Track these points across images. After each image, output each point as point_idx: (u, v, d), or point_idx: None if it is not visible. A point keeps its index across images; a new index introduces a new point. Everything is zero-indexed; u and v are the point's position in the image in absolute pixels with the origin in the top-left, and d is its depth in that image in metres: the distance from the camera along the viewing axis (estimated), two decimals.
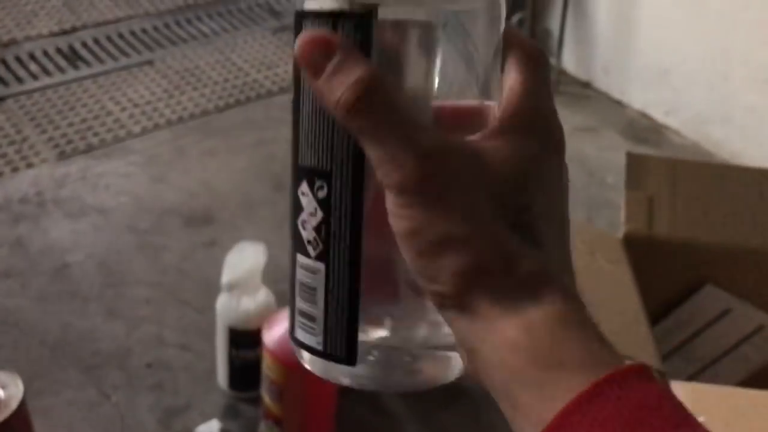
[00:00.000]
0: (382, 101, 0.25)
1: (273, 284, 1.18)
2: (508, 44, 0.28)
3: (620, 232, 0.85)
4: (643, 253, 0.83)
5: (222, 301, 0.92)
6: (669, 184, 0.88)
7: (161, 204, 1.34)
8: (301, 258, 0.29)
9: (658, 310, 0.87)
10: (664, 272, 0.86)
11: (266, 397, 0.88)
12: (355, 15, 0.26)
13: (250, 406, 0.99)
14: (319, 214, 0.28)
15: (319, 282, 0.29)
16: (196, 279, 1.19)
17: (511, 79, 0.28)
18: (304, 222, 0.28)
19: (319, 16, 0.26)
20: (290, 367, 0.83)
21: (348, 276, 0.28)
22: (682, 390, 0.70)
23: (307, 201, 0.28)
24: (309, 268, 0.29)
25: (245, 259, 0.90)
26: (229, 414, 1.00)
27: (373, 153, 0.25)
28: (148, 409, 0.99)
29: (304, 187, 0.28)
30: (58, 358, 1.04)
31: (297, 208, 0.28)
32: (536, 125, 0.27)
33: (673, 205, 0.87)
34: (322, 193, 0.27)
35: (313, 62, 0.25)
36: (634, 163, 0.90)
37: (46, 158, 1.41)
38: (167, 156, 1.45)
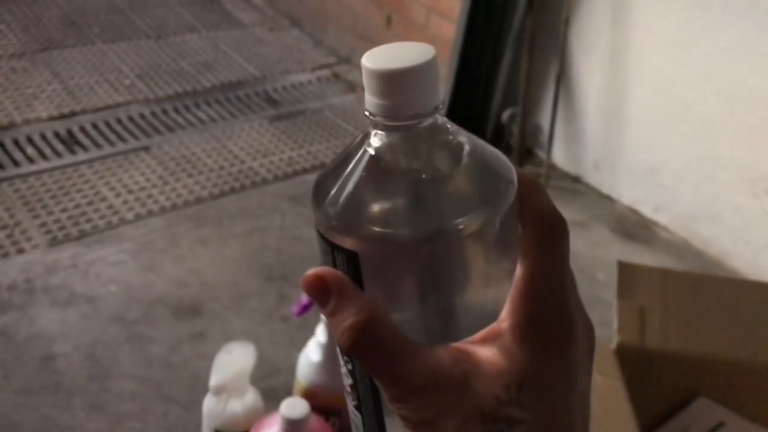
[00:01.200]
0: (374, 344, 0.27)
1: (261, 380, 1.16)
2: (525, 208, 0.28)
3: (613, 343, 0.85)
4: (636, 363, 0.83)
5: (209, 403, 0.90)
6: (660, 295, 0.89)
7: (151, 294, 1.33)
8: (348, 399, 0.32)
9: (650, 422, 0.86)
10: (657, 383, 0.85)
11: None
12: (344, 249, 0.28)
13: None
14: (350, 380, 0.31)
15: (359, 426, 0.33)
16: (182, 373, 1.18)
17: (524, 264, 0.28)
18: (344, 374, 0.31)
19: (322, 238, 0.29)
20: None
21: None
22: None
23: (342, 362, 0.31)
24: (352, 411, 0.33)
25: (234, 361, 0.89)
26: None
27: (375, 381, 0.28)
28: None
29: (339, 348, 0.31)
30: None
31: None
32: (544, 323, 0.27)
33: (665, 315, 0.87)
34: (349, 366, 0.30)
35: (316, 299, 0.28)
36: (625, 272, 0.90)
37: (38, 244, 1.41)
38: (159, 244, 1.45)
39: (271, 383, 1.17)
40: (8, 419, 1.06)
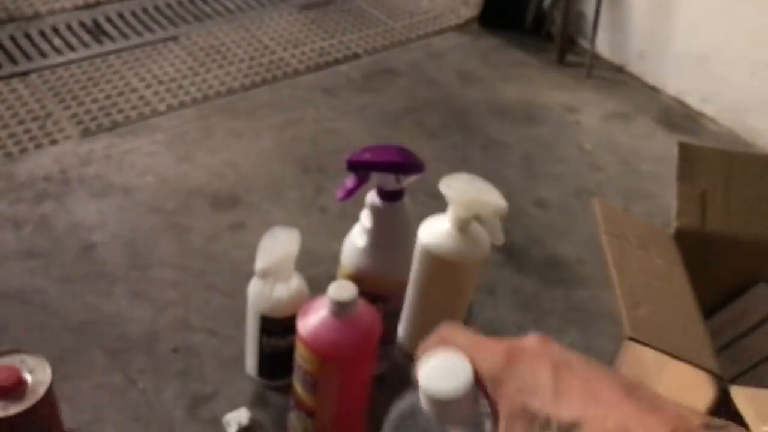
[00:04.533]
0: None
1: (303, 269, 1.15)
2: None
3: (672, 227, 0.82)
4: (695, 248, 0.80)
5: (254, 288, 0.89)
6: (722, 177, 0.85)
7: (187, 184, 1.31)
8: None
9: (708, 306, 0.84)
10: (716, 268, 0.83)
11: (298, 388, 0.86)
12: None
13: (280, 395, 0.97)
14: None
15: None
16: (223, 262, 1.17)
17: None
18: None
19: None
20: (326, 358, 0.81)
21: None
22: (742, 397, 0.67)
23: None
24: None
25: (279, 245, 0.87)
26: (257, 402, 0.98)
27: None
28: (174, 395, 0.97)
29: None
30: (84, 341, 1.02)
31: None
32: None
33: (726, 199, 0.84)
34: None
35: None
36: (686, 153, 0.86)
37: (70, 135, 1.39)
38: (193, 135, 1.42)
39: (313, 272, 1.16)
40: (53, 306, 1.06)
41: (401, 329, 1.05)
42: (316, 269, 1.17)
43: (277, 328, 0.92)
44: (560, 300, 1.20)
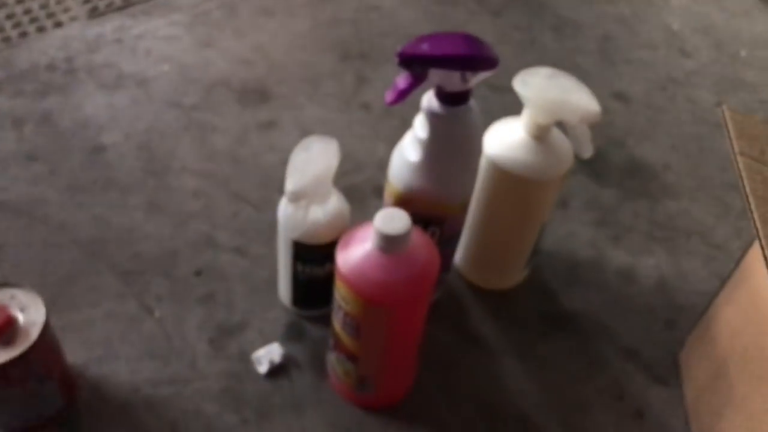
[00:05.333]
0: None
1: (342, 177, 0.98)
2: None
3: None
4: None
5: (285, 211, 0.74)
6: None
7: (210, 74, 1.14)
8: None
9: None
10: None
11: (338, 329, 0.72)
12: None
13: (318, 326, 0.84)
14: None
15: None
16: (252, 168, 1.01)
17: None
18: None
19: None
20: (372, 301, 0.66)
21: None
22: None
23: None
24: None
25: (313, 160, 0.71)
26: (292, 335, 0.84)
27: None
28: (197, 326, 0.84)
29: None
30: (94, 260, 0.89)
31: None
32: None
33: None
34: None
35: None
36: None
37: (77, 16, 1.21)
38: (216, 15, 1.24)
39: (354, 180, 1.00)
40: (58, 219, 0.92)
41: (459, 254, 0.89)
42: (358, 177, 1.01)
43: (314, 255, 0.77)
44: (644, 214, 1.02)
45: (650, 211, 1.03)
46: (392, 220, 0.65)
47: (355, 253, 0.66)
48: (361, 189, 0.99)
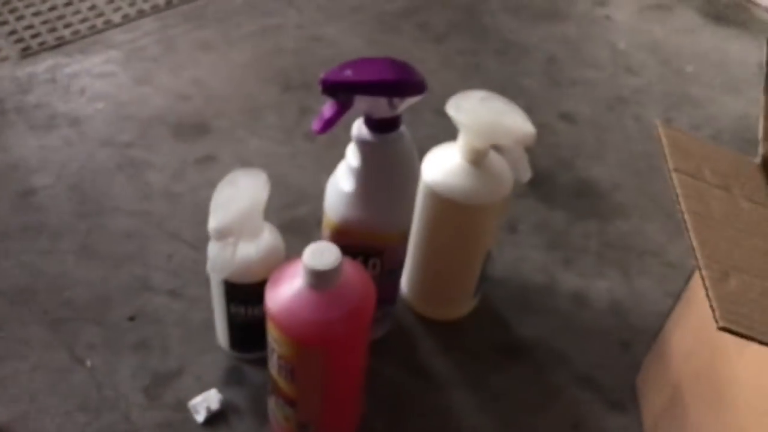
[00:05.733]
0: None
1: (285, 210, 0.96)
2: None
3: (757, 156, 0.61)
4: None
5: (213, 250, 0.70)
6: None
7: (146, 111, 1.10)
8: None
9: None
10: None
11: (274, 372, 0.68)
12: None
13: (258, 369, 0.80)
14: None
15: None
16: (188, 205, 0.98)
17: None
18: None
19: None
20: (303, 342, 0.62)
21: None
22: None
23: None
24: None
25: (240, 194, 0.67)
26: (231, 380, 0.80)
27: None
28: (131, 375, 0.80)
29: None
30: (20, 311, 0.84)
31: None
32: None
33: None
34: None
35: None
36: None
37: (8, 56, 1.17)
38: (153, 50, 1.20)
39: (298, 213, 0.97)
40: None
41: (405, 285, 0.86)
42: (302, 209, 0.98)
43: (247, 295, 0.73)
44: (595, 235, 1.00)
45: (601, 232, 1.01)
46: (322, 254, 0.61)
47: (285, 291, 0.63)
48: (305, 222, 0.96)
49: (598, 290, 0.93)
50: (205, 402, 0.77)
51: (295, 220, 0.96)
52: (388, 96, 0.63)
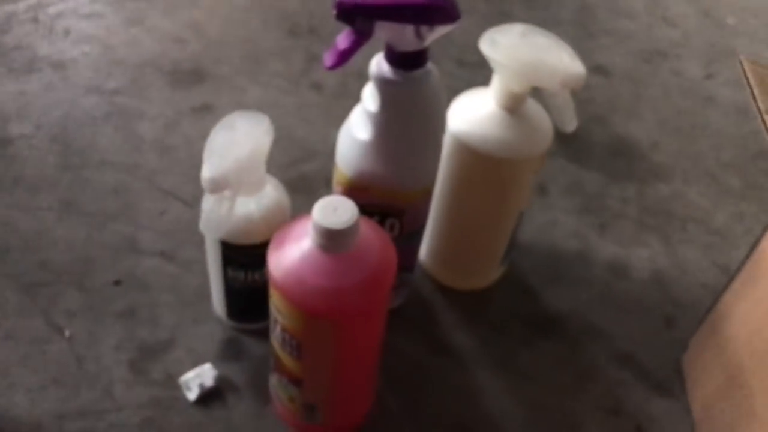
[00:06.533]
0: None
1: (291, 167, 0.86)
2: None
3: None
4: None
5: (207, 205, 0.60)
6: None
7: (137, 55, 1.00)
8: None
9: None
10: None
11: (277, 347, 0.59)
12: None
13: (259, 341, 0.71)
14: None
15: None
16: (183, 159, 0.88)
17: None
18: None
19: None
20: (313, 314, 0.53)
21: None
22: None
23: None
24: None
25: (238, 142, 0.57)
26: (228, 353, 0.71)
27: None
28: (115, 347, 0.71)
29: None
30: None
31: None
32: None
33: None
34: None
35: None
36: None
37: None
38: None
39: (304, 170, 0.87)
40: None
41: (425, 250, 0.77)
42: (309, 166, 0.88)
43: (247, 258, 0.64)
44: (633, 199, 0.90)
45: (640, 196, 0.91)
46: (335, 210, 0.52)
47: (291, 253, 0.53)
48: (312, 180, 0.86)
49: (637, 259, 0.84)
50: (198, 378, 0.68)
51: (301, 177, 0.86)
52: (416, 23, 0.53)
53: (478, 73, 0.66)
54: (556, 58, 0.59)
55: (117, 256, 0.78)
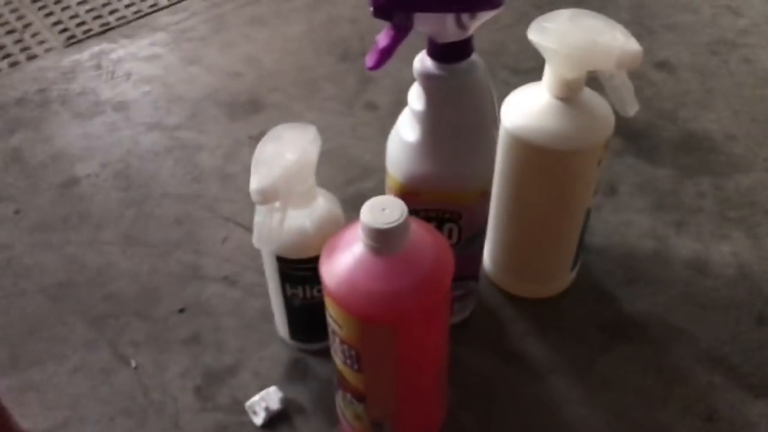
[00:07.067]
0: None
1: (347, 186, 0.85)
2: None
3: None
4: None
5: (259, 218, 0.59)
6: None
7: (195, 91, 1.01)
8: None
9: None
10: None
11: (339, 362, 0.57)
12: None
13: (324, 361, 0.69)
14: None
15: None
16: (243, 186, 0.86)
17: None
18: None
19: None
20: (368, 319, 0.51)
21: None
22: None
23: None
24: None
25: (285, 152, 0.56)
26: (294, 375, 0.70)
27: None
28: (180, 374, 0.70)
29: None
30: (60, 308, 0.76)
31: None
32: None
33: None
34: None
35: None
36: None
37: (52, 47, 1.11)
38: (202, 30, 1.12)
39: (362, 188, 0.86)
40: (22, 264, 0.80)
41: (488, 258, 0.74)
42: (366, 184, 0.87)
43: (303, 272, 0.62)
44: (710, 193, 0.85)
45: (718, 189, 0.85)
46: (383, 210, 0.50)
47: (342, 260, 0.52)
48: (369, 197, 0.84)
49: (720, 255, 0.78)
50: (263, 402, 0.66)
51: (359, 194, 0.85)
52: (456, 11, 0.51)
53: (535, 79, 0.63)
54: (609, 38, 0.56)
55: (180, 285, 0.78)
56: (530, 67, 0.97)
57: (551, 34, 0.58)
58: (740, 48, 1.05)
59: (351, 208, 0.66)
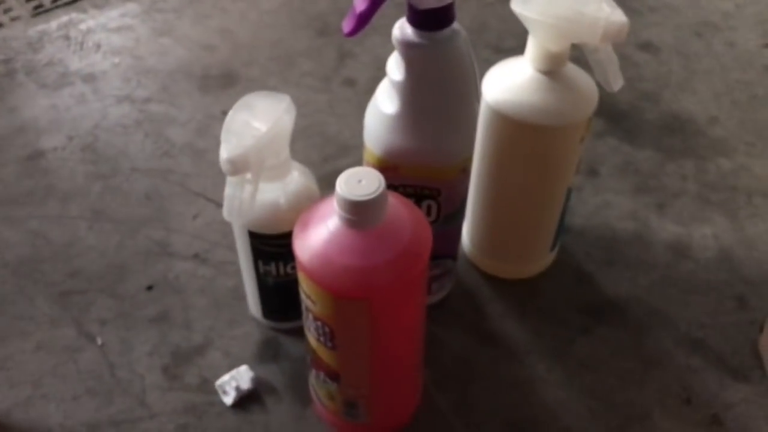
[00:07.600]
0: None
1: (324, 163, 0.83)
2: None
3: None
4: None
5: (229, 190, 0.57)
6: None
7: (167, 63, 0.98)
8: None
9: None
10: None
11: (312, 339, 0.55)
12: None
13: (297, 341, 0.67)
14: None
15: None
16: (215, 161, 0.84)
17: None
18: None
19: None
20: (342, 294, 0.49)
21: None
22: None
23: None
24: None
25: (257, 121, 0.54)
26: (266, 354, 0.68)
27: None
28: (148, 353, 0.68)
29: None
30: (24, 284, 0.73)
31: None
32: None
33: None
34: None
35: None
36: None
37: (19, 15, 1.07)
38: (175, 1, 1.09)
39: (339, 166, 0.83)
40: None
41: (467, 237, 0.72)
42: (344, 161, 0.84)
43: (276, 248, 0.60)
44: (692, 176, 0.84)
45: (699, 172, 0.84)
46: (359, 181, 0.48)
47: (316, 233, 0.49)
48: None
49: (701, 238, 0.77)
50: (234, 381, 0.64)
51: (336, 172, 0.82)
52: None
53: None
54: (595, 9, 0.54)
55: (149, 262, 0.75)
56: (512, 46, 0.95)
57: (535, 4, 0.56)
58: (724, 31, 1.04)
59: (327, 186, 0.64)
